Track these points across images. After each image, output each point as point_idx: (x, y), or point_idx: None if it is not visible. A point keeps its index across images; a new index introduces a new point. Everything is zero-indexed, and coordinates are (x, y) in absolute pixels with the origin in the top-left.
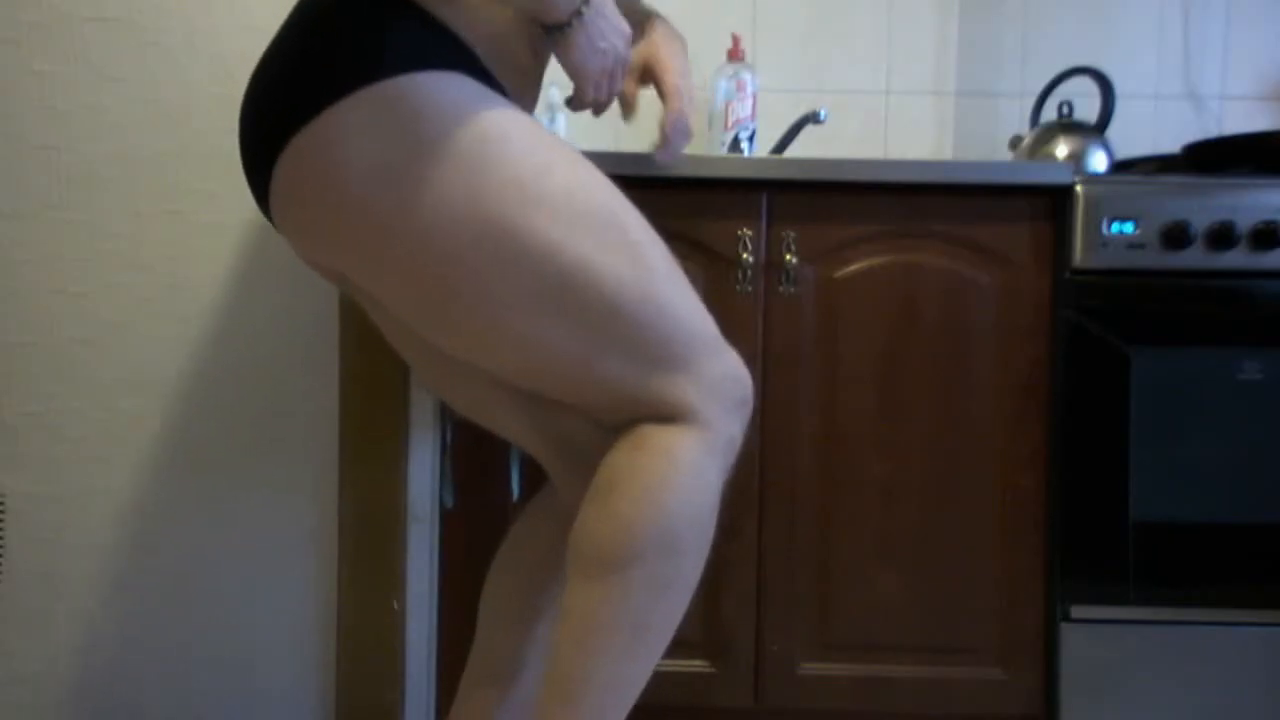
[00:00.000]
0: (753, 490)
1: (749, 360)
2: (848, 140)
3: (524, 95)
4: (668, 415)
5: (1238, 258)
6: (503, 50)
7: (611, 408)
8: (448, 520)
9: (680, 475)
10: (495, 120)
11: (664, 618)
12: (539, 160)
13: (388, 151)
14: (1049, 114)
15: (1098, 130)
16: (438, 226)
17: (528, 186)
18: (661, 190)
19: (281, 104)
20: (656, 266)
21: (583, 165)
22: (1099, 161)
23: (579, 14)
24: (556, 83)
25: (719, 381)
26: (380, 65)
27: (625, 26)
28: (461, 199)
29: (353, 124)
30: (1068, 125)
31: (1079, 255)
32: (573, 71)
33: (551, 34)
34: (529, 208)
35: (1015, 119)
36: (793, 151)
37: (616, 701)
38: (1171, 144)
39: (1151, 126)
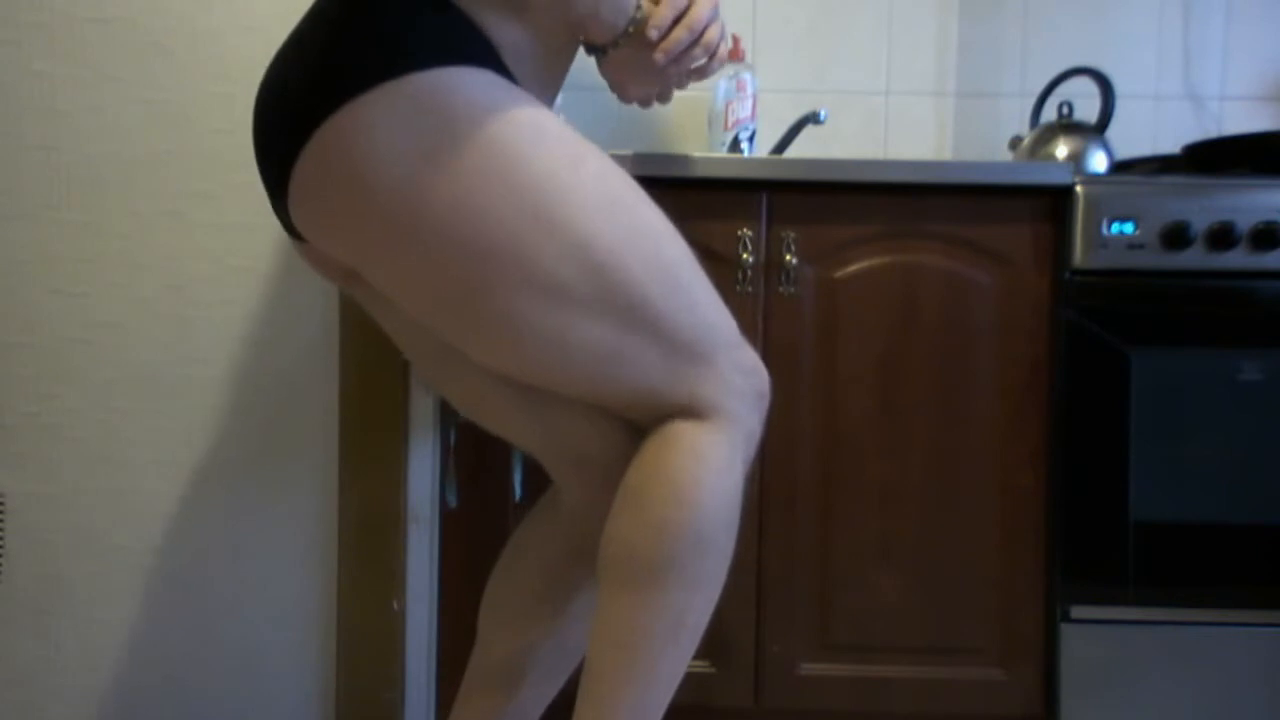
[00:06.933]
0: (753, 490)
1: None
2: (848, 140)
3: (545, 103)
4: (690, 410)
5: (1238, 258)
6: (525, 58)
7: (632, 403)
8: (448, 520)
9: (709, 474)
10: (527, 114)
11: (698, 616)
12: (571, 152)
13: (419, 143)
14: (1049, 114)
15: (1098, 130)
16: (471, 218)
17: (562, 178)
18: (662, 190)
19: (308, 95)
20: (681, 260)
21: (607, 159)
22: (1099, 162)
23: (616, 44)
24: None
25: (739, 375)
26: (411, 58)
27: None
28: (496, 191)
29: (383, 115)
30: (1068, 125)
31: (1079, 255)
32: (613, 88)
33: (593, 53)
34: (563, 199)
35: (1015, 119)
36: (793, 151)
37: (654, 702)
38: (1171, 144)
39: (1151, 126)
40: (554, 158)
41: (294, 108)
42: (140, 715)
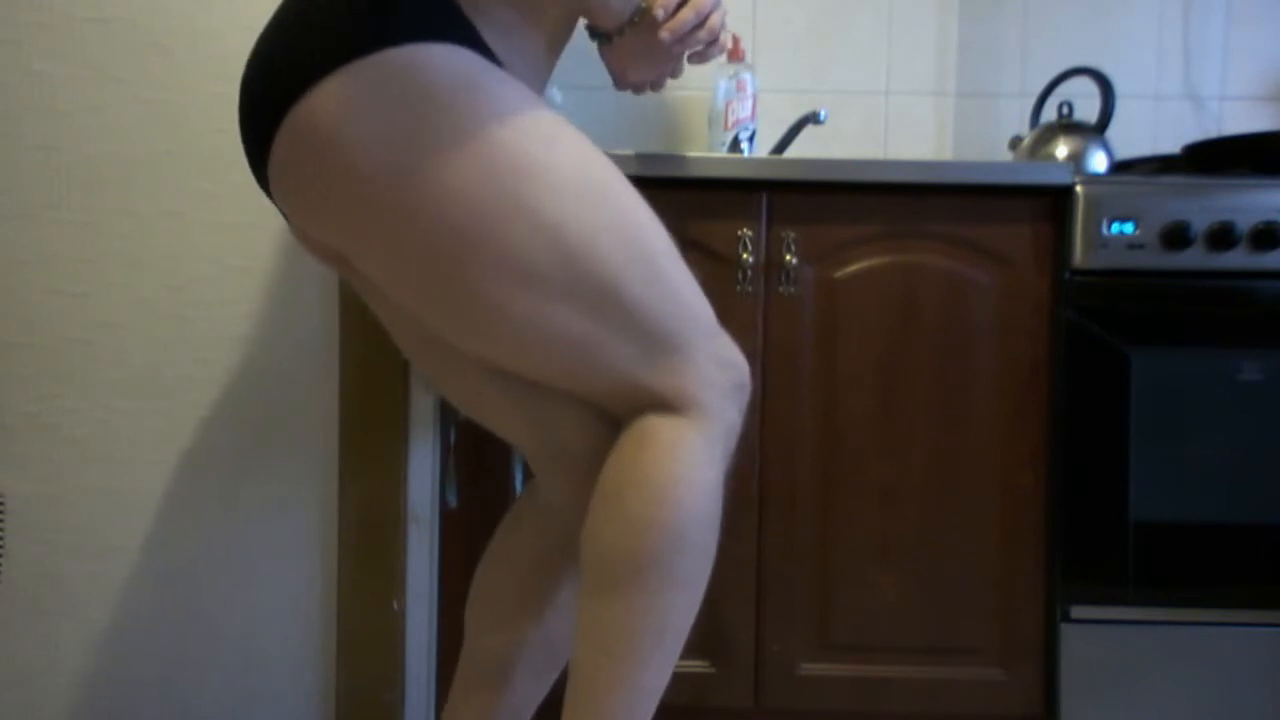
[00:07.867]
0: (753, 490)
1: (749, 360)
2: (848, 140)
3: (531, 87)
4: (667, 402)
5: (1238, 258)
6: (512, 39)
7: (610, 394)
8: (448, 520)
9: (688, 470)
10: (504, 94)
11: (683, 616)
12: (547, 134)
13: (394, 120)
14: (1049, 114)
15: (1098, 130)
16: (444, 197)
17: (537, 160)
18: (662, 190)
19: (285, 70)
20: (660, 248)
21: (588, 144)
22: (1099, 162)
23: (621, 31)
24: (556, 83)
25: (717, 367)
26: (388, 33)
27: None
28: (470, 170)
29: (358, 91)
30: (1068, 125)
31: (1079, 255)
32: (613, 74)
33: (596, 38)
34: (538, 181)
35: (1015, 119)
36: (793, 151)
37: (642, 704)
38: (1171, 144)
39: (1151, 126)
40: (528, 138)
41: (270, 87)
42: (140, 715)
